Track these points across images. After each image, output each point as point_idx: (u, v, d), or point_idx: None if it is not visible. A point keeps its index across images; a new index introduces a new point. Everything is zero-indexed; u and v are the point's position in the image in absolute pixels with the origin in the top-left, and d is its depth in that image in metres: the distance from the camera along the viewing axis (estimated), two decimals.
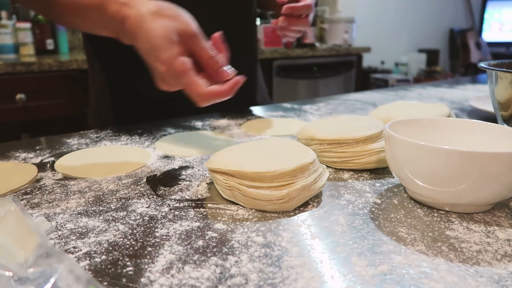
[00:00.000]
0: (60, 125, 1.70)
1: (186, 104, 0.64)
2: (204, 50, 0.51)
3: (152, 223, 0.37)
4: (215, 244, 0.33)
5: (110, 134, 0.67)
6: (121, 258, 0.31)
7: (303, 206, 0.40)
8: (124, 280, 0.28)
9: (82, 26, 0.64)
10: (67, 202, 0.41)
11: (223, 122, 0.75)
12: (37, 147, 0.59)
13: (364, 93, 1.07)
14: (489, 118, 0.67)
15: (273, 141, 0.48)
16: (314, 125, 0.56)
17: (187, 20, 0.51)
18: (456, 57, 4.24)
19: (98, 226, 0.36)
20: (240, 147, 0.47)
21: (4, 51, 1.86)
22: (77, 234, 0.35)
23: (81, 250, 0.32)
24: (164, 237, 0.34)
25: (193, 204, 0.41)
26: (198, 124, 0.74)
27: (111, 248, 0.32)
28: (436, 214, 0.38)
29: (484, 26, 4.46)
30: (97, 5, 0.55)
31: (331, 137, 0.50)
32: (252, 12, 0.90)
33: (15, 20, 1.92)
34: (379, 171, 0.50)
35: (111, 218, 0.38)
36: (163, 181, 0.46)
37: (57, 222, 0.37)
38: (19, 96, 1.59)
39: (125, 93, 0.83)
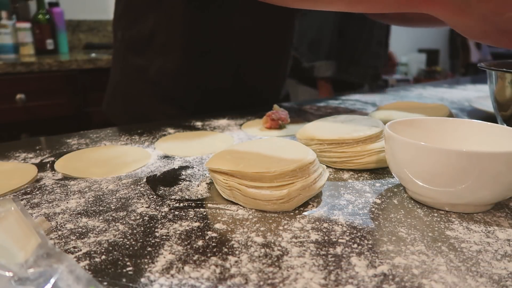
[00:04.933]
0: (60, 125, 1.70)
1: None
2: None
3: (152, 223, 0.37)
4: (215, 244, 0.33)
5: (110, 134, 0.67)
6: (121, 258, 0.31)
7: (303, 206, 0.40)
8: (124, 280, 0.28)
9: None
10: (67, 202, 0.41)
11: (223, 122, 0.75)
12: (37, 147, 0.59)
13: (364, 93, 1.07)
14: (489, 118, 0.67)
15: (273, 141, 0.48)
16: (314, 125, 0.56)
17: None
18: (456, 57, 4.24)
19: (98, 226, 0.36)
20: (240, 147, 0.47)
21: (4, 51, 1.86)
22: (77, 234, 0.35)
23: (81, 250, 0.32)
24: (164, 237, 0.34)
25: (193, 204, 0.41)
26: (198, 124, 0.74)
27: (111, 248, 0.32)
28: (436, 214, 0.38)
29: None
30: None
31: (331, 137, 0.50)
32: (291, 22, 0.91)
33: (15, 20, 1.93)
34: (379, 171, 0.50)
35: (111, 218, 0.38)
36: (163, 181, 0.46)
37: (57, 222, 0.37)
38: (19, 96, 1.59)
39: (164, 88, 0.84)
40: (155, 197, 0.42)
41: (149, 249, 0.32)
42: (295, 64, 1.62)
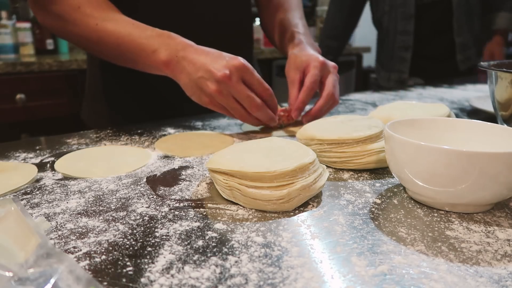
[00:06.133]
0: (60, 125, 1.70)
1: (190, 104, 0.65)
2: (260, 83, 0.62)
3: (152, 223, 0.37)
4: (215, 244, 0.33)
5: (110, 134, 0.67)
6: (121, 258, 0.31)
7: (303, 206, 0.40)
8: (124, 280, 0.28)
9: (121, 62, 0.69)
10: (67, 202, 0.41)
11: (223, 122, 0.75)
12: (37, 147, 0.59)
13: (364, 93, 1.07)
14: (489, 118, 0.67)
15: (273, 141, 0.48)
16: (314, 125, 0.56)
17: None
18: None
19: (98, 226, 0.36)
20: (240, 147, 0.47)
21: (4, 51, 1.86)
22: (77, 234, 0.35)
23: (81, 250, 0.32)
24: (164, 237, 0.34)
25: (193, 204, 0.41)
26: (198, 124, 0.74)
27: (111, 248, 0.32)
28: (436, 214, 0.38)
29: None
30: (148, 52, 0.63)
31: (331, 137, 0.50)
32: (249, 11, 0.91)
33: (15, 20, 1.93)
34: (379, 171, 0.50)
35: (111, 218, 0.38)
36: (163, 181, 0.46)
37: (57, 222, 0.37)
38: (19, 96, 1.59)
39: (121, 88, 0.83)
40: (155, 197, 0.42)
41: (149, 249, 0.32)
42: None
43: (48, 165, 0.52)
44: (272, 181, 0.39)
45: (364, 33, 3.43)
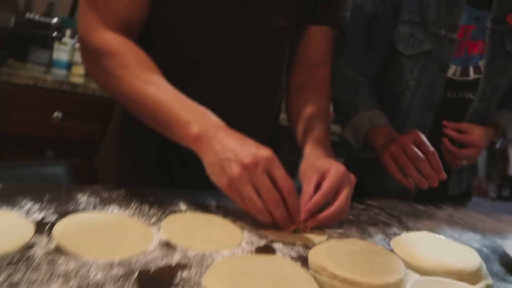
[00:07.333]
0: (87, 150, 1.72)
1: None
2: (284, 176, 0.59)
3: None
4: None
5: (122, 197, 0.65)
6: None
7: None
8: None
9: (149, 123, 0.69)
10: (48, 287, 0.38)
11: (237, 207, 0.71)
12: (46, 197, 0.58)
13: (391, 201, 1.02)
14: None
15: (280, 264, 0.44)
16: (328, 250, 0.52)
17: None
18: (493, 165, 4.10)
19: None
20: (241, 265, 0.43)
21: (58, 66, 1.95)
22: None
23: None
24: None
25: None
26: (212, 204, 0.71)
27: None
28: None
29: None
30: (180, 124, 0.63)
31: (345, 275, 0.45)
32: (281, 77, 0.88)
33: (76, 40, 2.03)
34: None
35: None
36: (155, 283, 0.43)
37: None
38: (56, 114, 1.64)
39: (141, 143, 0.83)
40: None
41: None
42: None
43: (47, 226, 0.50)
44: None
45: None
